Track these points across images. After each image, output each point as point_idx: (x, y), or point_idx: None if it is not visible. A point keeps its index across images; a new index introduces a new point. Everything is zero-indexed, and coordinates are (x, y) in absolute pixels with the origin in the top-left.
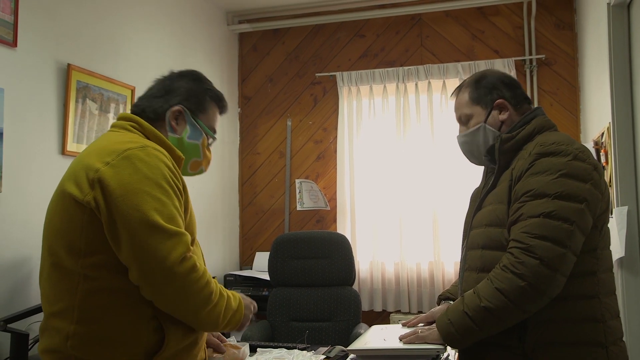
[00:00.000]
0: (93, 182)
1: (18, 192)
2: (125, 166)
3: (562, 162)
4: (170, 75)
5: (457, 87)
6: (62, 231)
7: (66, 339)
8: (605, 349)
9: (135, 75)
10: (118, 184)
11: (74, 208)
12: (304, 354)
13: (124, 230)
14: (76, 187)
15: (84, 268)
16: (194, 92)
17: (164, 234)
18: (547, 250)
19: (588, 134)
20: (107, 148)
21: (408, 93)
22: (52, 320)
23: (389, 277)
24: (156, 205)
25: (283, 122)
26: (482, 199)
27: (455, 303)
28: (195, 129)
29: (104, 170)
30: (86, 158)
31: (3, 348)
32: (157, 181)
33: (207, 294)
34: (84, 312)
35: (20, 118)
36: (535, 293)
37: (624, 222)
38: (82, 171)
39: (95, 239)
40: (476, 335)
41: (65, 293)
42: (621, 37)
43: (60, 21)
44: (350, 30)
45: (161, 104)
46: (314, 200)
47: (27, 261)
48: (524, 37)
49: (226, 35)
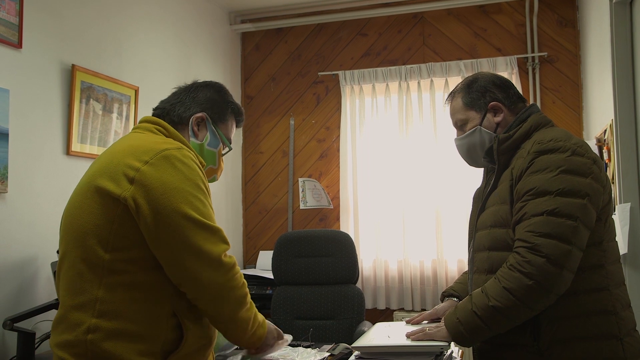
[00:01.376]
0: (133, 180)
1: (24, 192)
2: (165, 166)
3: (561, 158)
4: (196, 84)
5: (450, 93)
6: (91, 225)
7: (86, 333)
8: (620, 340)
9: (139, 76)
10: (159, 182)
11: (105, 203)
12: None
13: (166, 228)
14: (113, 183)
15: (112, 262)
16: (217, 103)
17: (208, 231)
18: (553, 247)
19: (590, 131)
20: (142, 147)
21: (410, 91)
22: (72, 314)
23: (392, 275)
24: (197, 204)
25: (286, 121)
26: (485, 200)
27: (463, 302)
28: (215, 136)
29: (145, 169)
30: (120, 156)
31: (10, 347)
32: (195, 182)
33: (244, 293)
34: (107, 305)
35: (25, 119)
36: (543, 291)
37: (627, 218)
38: (118, 168)
39: (126, 235)
40: (485, 334)
41: (89, 286)
42: (623, 34)
43: (64, 22)
44: (353, 29)
45: (185, 109)
46: (317, 198)
47: (32, 261)
48: (526, 35)
49: (229, 35)
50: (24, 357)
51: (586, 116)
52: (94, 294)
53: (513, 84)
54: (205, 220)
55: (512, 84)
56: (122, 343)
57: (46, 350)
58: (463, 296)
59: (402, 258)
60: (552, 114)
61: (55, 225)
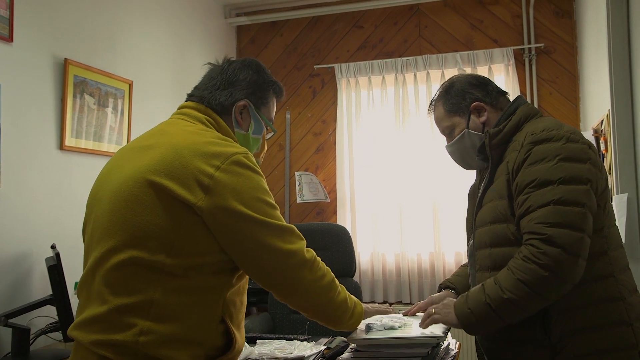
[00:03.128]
0: (208, 189)
1: (17, 187)
2: (238, 173)
3: (557, 146)
4: (232, 63)
5: (430, 103)
6: (155, 225)
7: (138, 335)
8: (630, 326)
9: (132, 70)
10: (234, 192)
11: (174, 205)
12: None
13: (245, 236)
14: (183, 188)
15: (173, 266)
16: (259, 85)
17: (285, 232)
18: (566, 236)
19: (587, 122)
20: (209, 149)
21: (407, 84)
22: (120, 314)
23: (390, 268)
24: (271, 211)
25: (282, 114)
26: (482, 197)
27: (475, 292)
28: (259, 123)
29: (218, 176)
30: (187, 155)
31: (4, 343)
32: (264, 187)
33: (331, 279)
34: (163, 309)
35: (17, 113)
36: (559, 281)
37: (624, 209)
38: (187, 170)
39: (194, 241)
40: (496, 324)
41: (145, 287)
42: (620, 24)
43: (56, 15)
44: (348, 22)
45: (226, 97)
46: (314, 192)
47: (27, 257)
48: (522, 26)
49: (224, 29)
50: (19, 353)
51: (583, 107)
52: (149, 295)
53: (490, 80)
54: (278, 222)
55: (490, 80)
56: (175, 348)
57: (41, 346)
58: (460, 289)
59: (400, 251)
60: (549, 106)
61: (51, 220)
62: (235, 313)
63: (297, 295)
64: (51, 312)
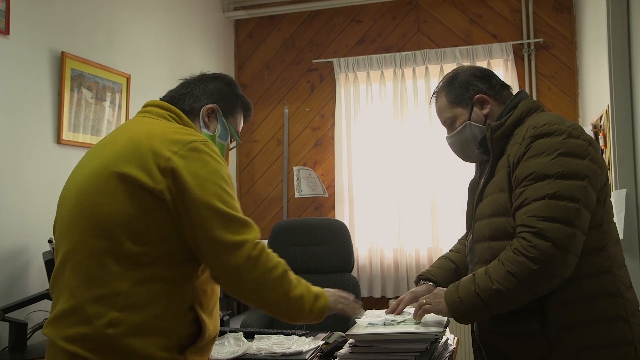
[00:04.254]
0: (166, 171)
1: (14, 181)
2: (195, 158)
3: (557, 141)
4: (205, 75)
5: (433, 93)
6: (120, 215)
7: (107, 327)
8: (627, 321)
9: (130, 63)
10: (191, 175)
11: (137, 192)
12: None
13: (201, 222)
14: (143, 173)
15: (140, 254)
16: (227, 95)
17: (238, 223)
18: (558, 231)
19: (586, 117)
20: (167, 136)
21: (405, 79)
22: (88, 306)
23: (388, 263)
24: (226, 198)
25: (280, 109)
26: (482, 190)
27: (466, 281)
28: (225, 129)
29: (176, 160)
30: (146, 143)
31: (1, 338)
32: (222, 175)
33: (281, 272)
34: (130, 298)
35: (14, 107)
36: (547, 275)
37: (623, 204)
38: (147, 156)
39: (158, 227)
40: (485, 314)
41: (112, 278)
42: (620, 19)
43: (53, 8)
44: (347, 16)
45: (195, 100)
46: (312, 187)
47: (24, 251)
48: (521, 21)
49: (222, 22)
50: (16, 347)
51: (582, 102)
52: (117, 286)
53: (494, 73)
54: (235, 213)
55: (493, 73)
56: (144, 338)
57: (38, 341)
58: (440, 282)
59: (398, 246)
60: (548, 101)
61: (48, 214)
62: (206, 301)
63: (245, 290)
64: (48, 306)
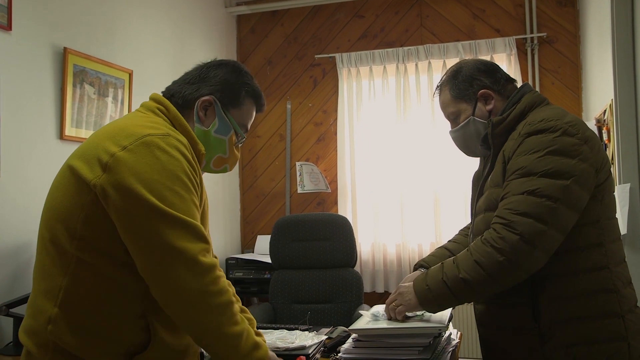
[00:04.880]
0: (106, 166)
1: (17, 177)
2: (144, 153)
3: (549, 139)
4: (210, 62)
5: (437, 87)
6: (62, 208)
7: (47, 323)
8: (621, 318)
9: (132, 59)
10: (133, 171)
11: (77, 187)
12: (306, 335)
13: (135, 221)
14: (86, 166)
15: (79, 250)
16: (230, 84)
17: (181, 226)
18: (528, 226)
19: (590, 112)
20: (125, 130)
21: (408, 74)
22: (39, 299)
23: (391, 258)
24: (172, 198)
25: (283, 104)
26: (482, 184)
27: (434, 269)
28: (225, 123)
29: (120, 155)
30: (102, 138)
31: (6, 332)
32: (175, 173)
33: (226, 301)
34: (70, 296)
35: (17, 103)
36: (513, 268)
37: (627, 199)
38: (94, 150)
39: (95, 223)
40: (452, 303)
41: (55, 272)
42: (624, 12)
43: (55, 4)
44: (349, 11)
45: (192, 91)
46: (315, 182)
47: (27, 246)
48: (525, 15)
49: (224, 18)
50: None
51: (585, 97)
52: (58, 281)
53: (499, 66)
54: (179, 215)
55: (498, 67)
56: (83, 338)
57: None
58: None
59: (401, 241)
60: (551, 96)
61: None
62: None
63: (175, 303)
64: None
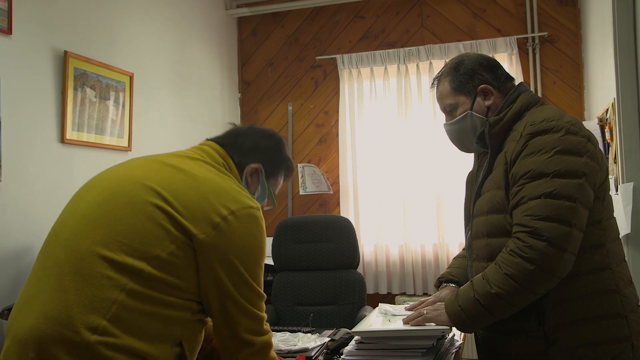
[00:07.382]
0: (217, 226)
1: (18, 181)
2: (249, 226)
3: (555, 138)
4: (255, 129)
5: (436, 77)
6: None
7: (92, 332)
8: (625, 318)
9: (133, 62)
10: (240, 240)
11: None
12: (309, 337)
13: (229, 284)
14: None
15: (150, 275)
16: (274, 156)
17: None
18: (553, 230)
19: (592, 111)
20: (226, 192)
21: (409, 74)
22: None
23: (394, 259)
24: (258, 272)
25: (284, 106)
26: (480, 185)
27: (464, 289)
28: (264, 191)
29: (231, 220)
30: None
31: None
32: (263, 251)
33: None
34: (123, 310)
35: (18, 106)
36: (545, 275)
37: (630, 198)
38: (200, 205)
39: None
40: (488, 320)
41: (112, 284)
42: (625, 11)
43: (55, 7)
44: (350, 12)
45: (243, 155)
46: (317, 184)
47: (28, 250)
48: (526, 14)
49: (225, 20)
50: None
51: (587, 96)
52: (113, 295)
53: (499, 63)
54: (260, 291)
55: (499, 64)
56: (123, 355)
57: None
58: (462, 282)
59: (403, 242)
60: (553, 95)
61: (52, 214)
62: (194, 339)
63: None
64: None
